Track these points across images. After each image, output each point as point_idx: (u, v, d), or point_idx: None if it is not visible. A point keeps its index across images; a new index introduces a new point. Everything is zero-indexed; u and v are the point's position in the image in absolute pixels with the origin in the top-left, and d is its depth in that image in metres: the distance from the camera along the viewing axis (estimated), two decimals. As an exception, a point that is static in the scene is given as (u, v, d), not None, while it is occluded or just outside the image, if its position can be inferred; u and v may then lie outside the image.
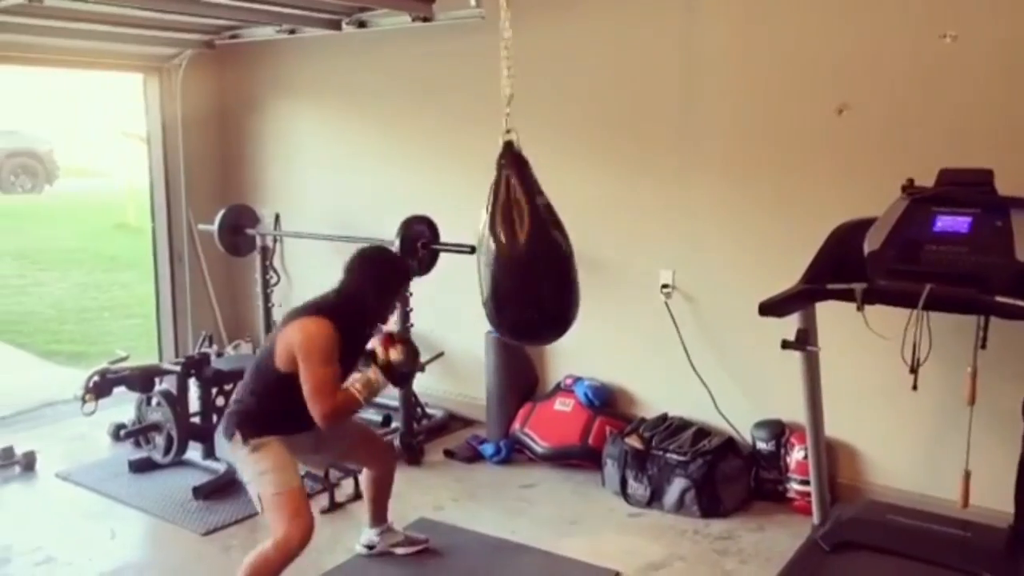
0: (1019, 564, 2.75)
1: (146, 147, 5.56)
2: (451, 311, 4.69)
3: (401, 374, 3.00)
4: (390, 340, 2.99)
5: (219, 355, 5.03)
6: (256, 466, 2.84)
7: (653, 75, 4.00)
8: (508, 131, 2.69)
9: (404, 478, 4.07)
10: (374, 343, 3.00)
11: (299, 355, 2.75)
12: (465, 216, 4.45)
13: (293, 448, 2.89)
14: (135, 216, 12.08)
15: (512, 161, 2.70)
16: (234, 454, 2.94)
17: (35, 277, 9.83)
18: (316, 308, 2.88)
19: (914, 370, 2.81)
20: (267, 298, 5.15)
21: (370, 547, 3.34)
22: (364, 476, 3.30)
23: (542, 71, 4.23)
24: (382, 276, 2.96)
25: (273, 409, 2.88)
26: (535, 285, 2.77)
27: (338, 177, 5.24)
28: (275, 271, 5.23)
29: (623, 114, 4.12)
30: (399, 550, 3.34)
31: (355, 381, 2.89)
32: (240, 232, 5.11)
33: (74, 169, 15.51)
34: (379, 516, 3.33)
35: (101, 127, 15.03)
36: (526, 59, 4.12)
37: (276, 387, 2.84)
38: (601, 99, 4.17)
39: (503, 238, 2.69)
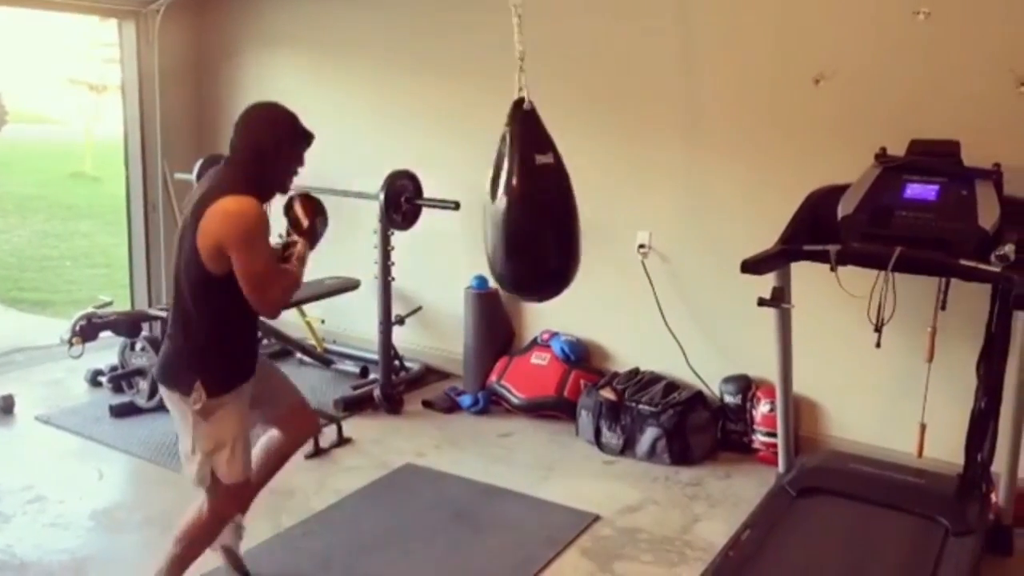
0: (968, 508, 2.97)
1: (96, 95, 5.49)
2: (430, 266, 4.78)
3: (316, 238, 2.67)
4: (308, 202, 2.67)
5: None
6: (214, 434, 2.46)
7: (640, 45, 4.09)
8: (520, 88, 2.74)
9: (385, 426, 4.22)
10: (297, 209, 2.65)
11: (233, 243, 2.31)
12: (449, 172, 4.54)
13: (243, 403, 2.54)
14: (92, 165, 11.89)
15: (514, 119, 2.77)
16: (181, 407, 2.47)
17: (-8, 223, 9.67)
18: (224, 187, 2.39)
19: (878, 328, 3.01)
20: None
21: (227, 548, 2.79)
22: (270, 443, 2.78)
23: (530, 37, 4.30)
24: (276, 123, 2.56)
25: (229, 338, 2.48)
26: (527, 242, 2.86)
27: (317, 129, 5.23)
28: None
29: (606, 82, 4.21)
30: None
31: (288, 257, 2.56)
32: (219, 182, 5.10)
33: (24, 115, 15.12)
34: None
35: (46, 73, 14.67)
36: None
37: (220, 302, 2.41)
38: (585, 66, 4.24)
39: (496, 194, 2.77)
